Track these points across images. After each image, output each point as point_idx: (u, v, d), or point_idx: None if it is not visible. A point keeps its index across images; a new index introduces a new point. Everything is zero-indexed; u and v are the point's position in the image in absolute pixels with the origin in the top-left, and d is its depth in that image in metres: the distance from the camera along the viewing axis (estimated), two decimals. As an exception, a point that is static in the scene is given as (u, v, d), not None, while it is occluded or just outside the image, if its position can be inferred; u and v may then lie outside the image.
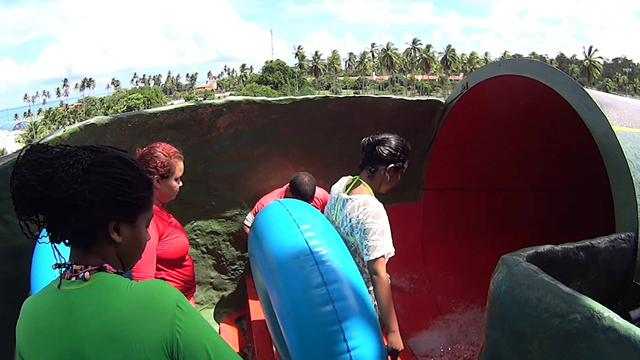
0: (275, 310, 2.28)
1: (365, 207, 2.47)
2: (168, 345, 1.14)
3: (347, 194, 2.63)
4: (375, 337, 2.11)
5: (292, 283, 2.15)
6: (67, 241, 1.21)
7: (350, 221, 2.52)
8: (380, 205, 2.50)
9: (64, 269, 1.20)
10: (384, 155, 2.59)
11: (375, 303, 2.42)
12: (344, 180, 2.79)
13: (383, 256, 2.39)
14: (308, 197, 3.66)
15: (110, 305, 1.14)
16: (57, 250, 1.20)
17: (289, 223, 2.34)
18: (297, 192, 3.66)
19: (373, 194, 2.60)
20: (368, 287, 2.50)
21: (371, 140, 2.66)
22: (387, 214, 2.51)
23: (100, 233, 1.20)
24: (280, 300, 2.19)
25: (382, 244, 2.39)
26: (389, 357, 2.32)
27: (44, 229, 1.18)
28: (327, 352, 2.03)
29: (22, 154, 1.14)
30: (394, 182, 2.69)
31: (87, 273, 1.17)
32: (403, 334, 2.42)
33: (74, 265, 1.19)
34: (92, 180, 1.15)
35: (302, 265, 2.15)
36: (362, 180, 2.65)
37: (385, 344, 2.29)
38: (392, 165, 2.62)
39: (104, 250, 1.22)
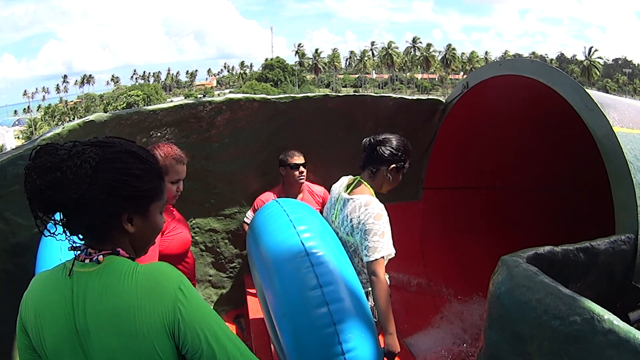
0: (271, 311, 2.28)
1: (367, 208, 2.46)
2: (170, 327, 1.18)
3: (348, 194, 2.63)
4: (370, 339, 2.10)
5: (287, 284, 2.15)
6: (80, 236, 1.26)
7: (351, 221, 2.51)
8: (382, 206, 2.50)
9: (78, 252, 1.24)
10: (386, 155, 2.59)
11: (373, 304, 2.42)
12: (345, 180, 2.78)
13: (383, 257, 2.39)
14: (299, 155, 3.74)
15: (118, 288, 1.19)
16: (66, 234, 1.24)
17: (285, 224, 2.33)
18: (289, 162, 3.73)
19: (374, 194, 2.59)
20: (367, 287, 2.50)
21: (372, 140, 2.66)
22: (387, 212, 2.51)
23: (112, 226, 1.25)
24: (276, 301, 2.19)
25: (382, 245, 2.39)
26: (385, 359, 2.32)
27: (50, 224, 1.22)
28: (322, 354, 2.02)
29: (31, 157, 1.17)
30: (396, 182, 2.69)
31: (101, 256, 1.22)
32: (401, 333, 2.42)
33: (89, 249, 1.24)
34: (101, 178, 1.18)
35: (297, 267, 2.14)
36: (363, 181, 2.64)
37: (382, 346, 2.28)
38: (394, 165, 2.61)
39: (117, 239, 1.27)
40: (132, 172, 1.24)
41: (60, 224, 1.22)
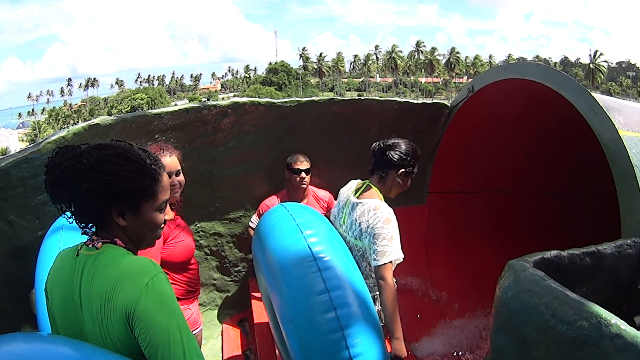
0: (278, 316, 2.27)
1: (376, 212, 2.46)
2: (127, 313, 1.32)
3: (357, 197, 2.63)
4: (378, 344, 2.09)
5: (294, 289, 2.14)
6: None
7: (359, 225, 2.51)
8: (391, 210, 2.50)
9: (88, 237, 1.46)
10: (395, 160, 2.59)
11: (381, 308, 2.41)
12: (353, 184, 2.78)
13: (391, 262, 2.38)
14: (302, 161, 3.71)
15: (106, 272, 1.37)
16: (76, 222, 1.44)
17: (292, 228, 2.32)
18: (292, 166, 3.71)
19: (383, 198, 2.59)
20: (374, 292, 2.50)
21: (381, 145, 2.66)
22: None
23: (106, 219, 1.44)
24: (283, 306, 2.18)
25: (391, 249, 2.39)
26: None
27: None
28: (329, 359, 2.01)
29: (51, 156, 1.40)
30: (405, 186, 2.69)
31: (100, 243, 1.43)
32: (406, 337, 2.41)
33: (94, 236, 1.45)
34: (91, 178, 1.36)
35: (305, 272, 2.13)
36: (372, 185, 2.64)
37: (389, 350, 2.27)
38: (403, 170, 2.62)
39: (114, 230, 1.46)
40: (120, 174, 1.40)
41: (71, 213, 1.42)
